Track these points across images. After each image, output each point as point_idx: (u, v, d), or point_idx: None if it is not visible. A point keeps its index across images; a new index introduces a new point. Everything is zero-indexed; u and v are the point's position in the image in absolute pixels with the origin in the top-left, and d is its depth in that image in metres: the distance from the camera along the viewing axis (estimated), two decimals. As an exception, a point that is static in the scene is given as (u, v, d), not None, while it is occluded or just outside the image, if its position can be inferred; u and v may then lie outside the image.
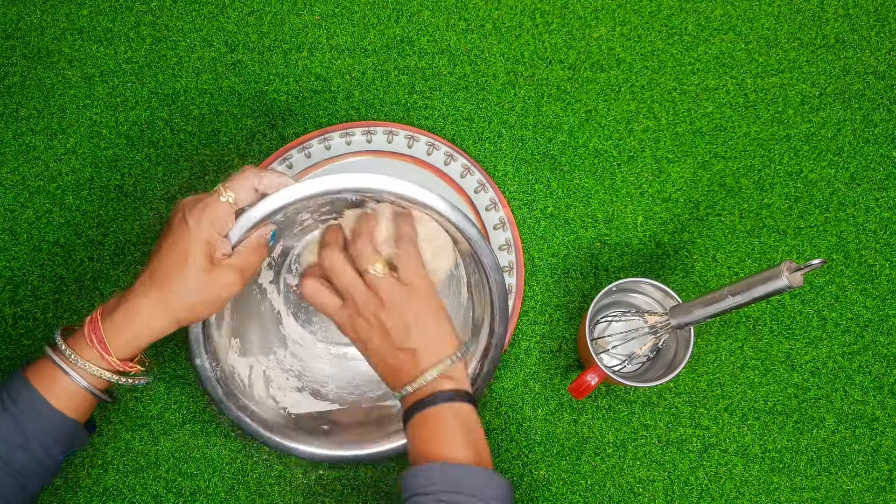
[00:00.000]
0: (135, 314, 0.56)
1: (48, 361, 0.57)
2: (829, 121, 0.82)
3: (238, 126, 0.81)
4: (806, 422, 0.76)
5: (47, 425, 0.56)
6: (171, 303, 0.56)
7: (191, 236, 0.56)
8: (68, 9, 0.83)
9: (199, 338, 0.64)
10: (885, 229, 0.80)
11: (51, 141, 0.80)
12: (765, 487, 0.75)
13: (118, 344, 0.56)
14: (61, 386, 0.56)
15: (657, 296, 0.73)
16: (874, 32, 0.84)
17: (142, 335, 0.56)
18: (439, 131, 0.81)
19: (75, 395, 0.57)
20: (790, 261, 0.57)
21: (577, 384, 0.69)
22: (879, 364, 0.77)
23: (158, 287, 0.56)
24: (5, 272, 0.77)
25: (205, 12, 0.83)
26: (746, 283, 0.59)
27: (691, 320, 0.65)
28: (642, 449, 0.75)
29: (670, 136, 0.82)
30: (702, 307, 0.64)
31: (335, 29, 0.83)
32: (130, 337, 0.56)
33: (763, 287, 0.58)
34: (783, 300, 0.78)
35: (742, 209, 0.80)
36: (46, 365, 0.57)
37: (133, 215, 0.79)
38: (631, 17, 0.84)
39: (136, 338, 0.56)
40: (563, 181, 0.81)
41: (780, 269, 0.56)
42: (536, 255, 0.79)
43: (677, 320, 0.66)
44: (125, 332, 0.56)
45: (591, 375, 0.68)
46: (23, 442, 0.55)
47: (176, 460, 0.74)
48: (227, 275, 0.57)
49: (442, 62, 0.83)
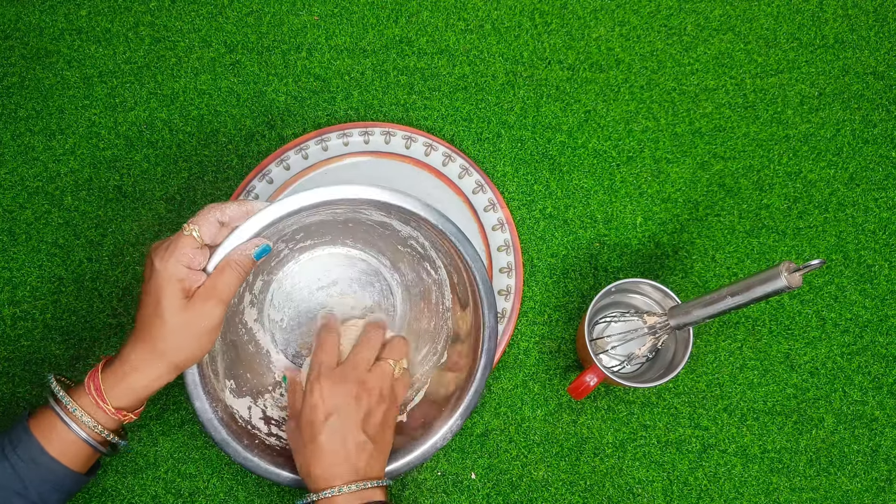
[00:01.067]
0: (129, 364, 0.56)
1: (49, 410, 0.57)
2: (828, 121, 0.82)
3: (237, 126, 0.81)
4: (805, 422, 0.76)
5: (46, 474, 0.56)
6: (158, 348, 0.56)
7: (160, 277, 0.55)
8: (67, 9, 0.83)
9: (196, 379, 0.63)
10: (884, 229, 0.80)
11: (49, 141, 0.80)
12: (764, 488, 0.75)
13: (116, 393, 0.57)
14: (59, 436, 0.57)
15: (656, 296, 0.73)
16: (873, 33, 0.84)
17: (138, 384, 0.57)
18: (438, 132, 0.81)
19: (73, 445, 0.57)
20: (789, 261, 0.57)
21: (576, 384, 0.69)
22: (878, 364, 0.77)
23: (144, 336, 0.56)
24: (4, 273, 0.77)
25: (203, 13, 0.83)
26: (745, 283, 0.59)
27: (690, 321, 0.65)
28: (641, 449, 0.75)
29: (669, 136, 0.82)
30: (701, 308, 0.64)
31: (334, 29, 0.83)
32: (127, 387, 0.57)
33: (762, 287, 0.58)
34: (782, 300, 0.78)
35: (741, 209, 0.80)
36: (47, 414, 0.57)
37: (132, 216, 0.79)
38: (630, 18, 0.84)
39: (133, 388, 0.57)
40: (563, 181, 0.81)
41: (779, 270, 0.56)
42: (535, 256, 0.79)
43: (676, 321, 0.66)
44: (122, 382, 0.57)
45: (591, 376, 0.68)
46: (21, 489, 0.56)
47: (175, 461, 0.74)
48: (204, 304, 0.56)
49: (441, 62, 0.83)
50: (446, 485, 0.75)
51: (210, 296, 0.57)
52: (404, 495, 0.74)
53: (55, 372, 0.66)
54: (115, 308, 0.77)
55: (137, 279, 0.78)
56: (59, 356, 0.76)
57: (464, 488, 0.75)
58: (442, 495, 0.74)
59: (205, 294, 0.57)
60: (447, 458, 0.75)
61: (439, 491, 0.75)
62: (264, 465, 0.65)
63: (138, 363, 0.56)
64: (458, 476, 0.75)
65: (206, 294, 0.57)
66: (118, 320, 0.77)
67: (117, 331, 0.77)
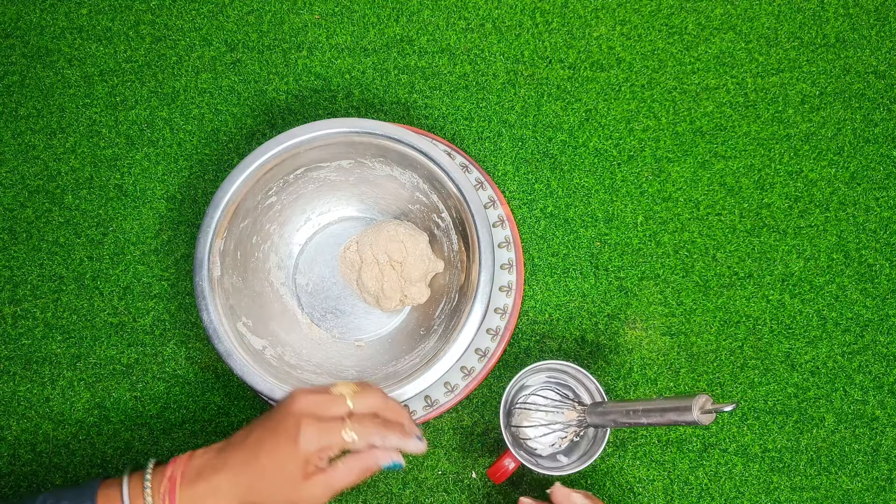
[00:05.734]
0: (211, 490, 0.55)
1: (117, 489, 0.56)
2: (829, 120, 0.82)
3: (237, 125, 0.81)
4: (806, 421, 0.76)
5: None
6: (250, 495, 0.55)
7: (297, 451, 0.54)
8: (67, 7, 0.83)
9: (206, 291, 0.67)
10: (885, 229, 0.80)
11: (50, 140, 0.80)
12: (764, 487, 0.75)
13: None
14: None
15: (586, 383, 0.70)
16: (874, 32, 0.84)
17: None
18: (439, 130, 0.81)
19: None
20: (706, 395, 0.55)
21: (494, 469, 0.69)
22: (879, 364, 0.77)
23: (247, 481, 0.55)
24: (4, 271, 0.77)
25: (204, 11, 0.83)
26: (660, 406, 0.58)
27: (605, 424, 0.64)
28: (642, 448, 0.75)
29: (670, 135, 0.82)
30: (618, 415, 0.62)
31: (335, 28, 0.83)
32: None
33: (673, 415, 0.57)
34: (783, 300, 0.78)
35: (742, 208, 0.80)
36: (114, 491, 0.57)
37: (133, 214, 0.79)
38: (631, 17, 0.84)
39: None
40: (563, 180, 0.81)
41: (693, 404, 0.55)
42: (536, 255, 0.79)
43: (592, 420, 0.66)
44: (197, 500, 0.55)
45: (508, 461, 0.69)
46: None
47: (175, 460, 0.74)
48: (316, 489, 0.55)
49: (442, 61, 0.83)
50: (447, 483, 0.75)
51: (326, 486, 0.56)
52: (405, 494, 0.74)
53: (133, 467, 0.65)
54: (115, 307, 0.77)
55: (138, 278, 0.78)
56: (59, 355, 0.76)
57: (464, 487, 0.75)
58: (443, 494, 0.74)
59: (323, 482, 0.55)
60: (448, 457, 0.75)
61: (440, 490, 0.75)
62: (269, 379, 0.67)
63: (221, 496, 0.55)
64: (459, 475, 0.75)
65: (323, 483, 0.55)
66: (119, 319, 0.77)
67: (118, 329, 0.77)
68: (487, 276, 0.68)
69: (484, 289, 0.67)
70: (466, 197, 0.69)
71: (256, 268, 0.74)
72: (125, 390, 0.76)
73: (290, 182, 0.73)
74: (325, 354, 0.75)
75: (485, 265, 0.68)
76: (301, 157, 0.71)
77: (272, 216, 0.75)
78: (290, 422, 0.55)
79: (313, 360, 0.73)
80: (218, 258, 0.69)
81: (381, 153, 0.71)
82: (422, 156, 0.69)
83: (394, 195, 0.77)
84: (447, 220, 0.73)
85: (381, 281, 0.75)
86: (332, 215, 0.79)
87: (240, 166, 0.69)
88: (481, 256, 0.68)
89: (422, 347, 0.72)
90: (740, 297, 0.78)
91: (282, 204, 0.75)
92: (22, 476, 0.75)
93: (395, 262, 0.74)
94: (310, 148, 0.70)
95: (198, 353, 0.77)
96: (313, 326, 0.77)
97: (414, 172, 0.72)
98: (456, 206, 0.70)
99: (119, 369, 0.76)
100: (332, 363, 0.74)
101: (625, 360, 0.77)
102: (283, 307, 0.76)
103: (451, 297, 0.73)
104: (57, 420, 0.75)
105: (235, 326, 0.69)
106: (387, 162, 0.73)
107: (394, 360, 0.73)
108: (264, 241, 0.75)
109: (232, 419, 0.76)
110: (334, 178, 0.75)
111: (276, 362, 0.70)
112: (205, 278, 0.67)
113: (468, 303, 0.68)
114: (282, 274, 0.77)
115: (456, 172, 0.69)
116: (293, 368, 0.71)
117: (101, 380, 0.76)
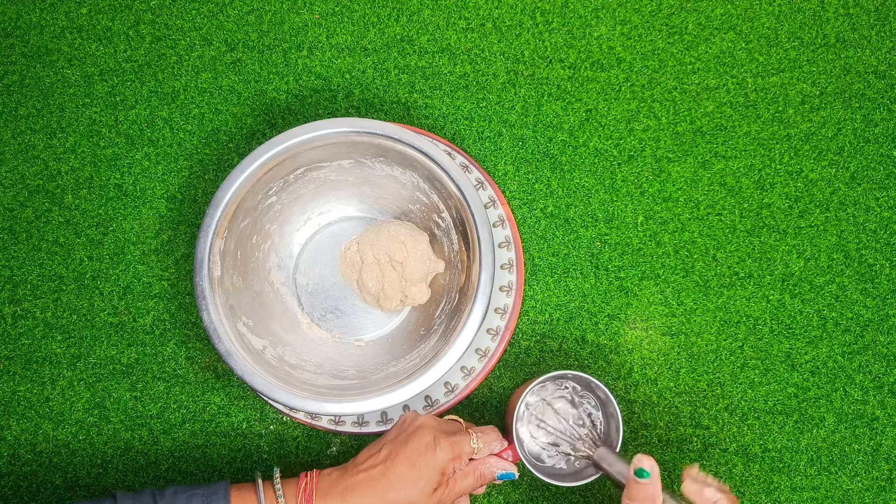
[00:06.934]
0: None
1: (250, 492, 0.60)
2: (829, 120, 0.82)
3: (238, 125, 0.81)
4: (806, 421, 0.76)
5: None
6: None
7: (434, 463, 0.61)
8: (67, 7, 0.83)
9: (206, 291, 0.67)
10: (885, 229, 0.80)
11: (50, 140, 0.80)
12: (765, 487, 0.75)
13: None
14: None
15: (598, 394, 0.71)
16: (875, 32, 0.84)
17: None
18: (439, 130, 0.81)
19: None
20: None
21: None
22: (879, 364, 0.77)
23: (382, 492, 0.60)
24: (4, 271, 0.77)
25: (204, 11, 0.83)
26: None
27: (607, 469, 0.65)
28: (642, 448, 0.75)
29: (670, 135, 0.82)
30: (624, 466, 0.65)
31: (335, 28, 0.83)
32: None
33: None
34: (783, 300, 0.78)
35: (742, 208, 0.80)
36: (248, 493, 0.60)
37: (133, 214, 0.79)
38: (631, 17, 0.84)
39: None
40: (564, 180, 0.81)
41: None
42: (536, 255, 0.79)
43: (597, 461, 0.66)
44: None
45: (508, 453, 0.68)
46: None
47: (175, 460, 0.74)
48: (443, 496, 0.62)
49: (442, 61, 0.83)
50: (447, 484, 0.75)
51: (456, 493, 0.63)
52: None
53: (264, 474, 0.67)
54: (115, 307, 0.77)
55: (138, 278, 0.78)
56: (59, 355, 0.76)
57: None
58: (443, 494, 0.74)
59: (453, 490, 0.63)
60: (448, 457, 0.75)
61: (440, 490, 0.75)
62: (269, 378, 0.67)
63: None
64: (459, 475, 0.75)
65: (450, 491, 0.63)
66: (119, 319, 0.77)
67: (118, 329, 0.77)
68: (488, 276, 0.67)
69: (484, 289, 0.67)
70: (467, 197, 0.69)
71: (256, 268, 0.74)
72: (125, 390, 0.76)
73: (290, 182, 0.73)
74: (326, 354, 0.75)
75: (485, 265, 0.67)
76: (301, 156, 0.71)
77: (272, 216, 0.75)
78: (427, 435, 0.62)
79: (313, 360, 0.73)
80: (218, 258, 0.68)
81: (382, 153, 0.71)
82: (422, 155, 0.69)
83: (394, 195, 0.76)
84: (447, 220, 0.73)
85: (382, 281, 0.75)
86: (332, 215, 0.79)
87: (240, 166, 0.69)
88: (482, 256, 0.68)
89: (422, 347, 0.72)
90: (740, 297, 0.78)
91: (282, 204, 0.75)
92: (22, 476, 0.75)
93: (395, 262, 0.74)
94: (310, 148, 0.70)
95: (198, 353, 0.77)
96: (313, 326, 0.77)
97: (414, 172, 0.72)
98: (456, 205, 0.70)
99: (119, 369, 0.76)
100: (332, 363, 0.74)
101: (625, 360, 0.77)
102: (284, 307, 0.76)
103: (452, 297, 0.73)
104: (57, 420, 0.75)
105: (235, 326, 0.69)
106: (387, 162, 0.72)
107: (394, 361, 0.73)
108: (264, 240, 0.75)
109: (232, 419, 0.76)
110: (334, 177, 0.75)
111: (276, 362, 0.70)
112: (205, 278, 0.67)
113: (468, 303, 0.68)
114: (282, 274, 0.77)
115: (456, 172, 0.69)
116: (293, 368, 0.71)
117: (101, 380, 0.76)
